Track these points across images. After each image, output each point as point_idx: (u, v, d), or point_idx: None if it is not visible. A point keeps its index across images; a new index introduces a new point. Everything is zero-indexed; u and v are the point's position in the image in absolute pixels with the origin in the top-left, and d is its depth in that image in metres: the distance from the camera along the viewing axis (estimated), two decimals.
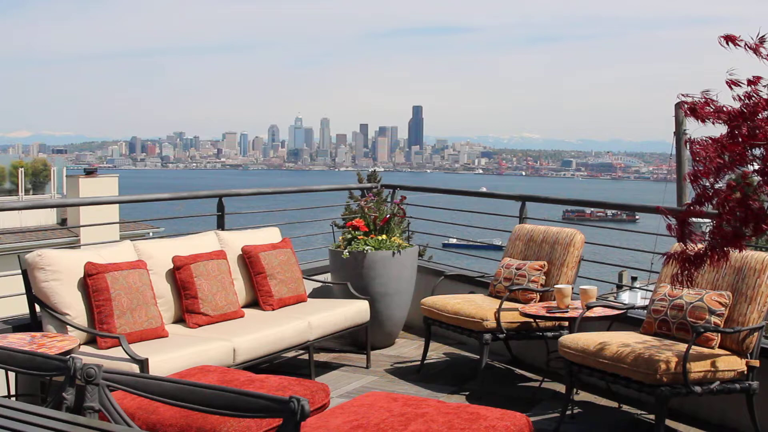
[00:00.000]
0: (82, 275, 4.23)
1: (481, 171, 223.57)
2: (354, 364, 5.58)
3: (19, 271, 4.32)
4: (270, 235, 5.62)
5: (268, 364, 5.05)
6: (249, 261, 5.23)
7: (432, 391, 4.95)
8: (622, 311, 4.59)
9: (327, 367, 5.48)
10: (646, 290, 12.07)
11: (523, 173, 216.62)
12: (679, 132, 17.14)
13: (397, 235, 6.07)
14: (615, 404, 4.72)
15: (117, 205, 15.67)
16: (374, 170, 37.42)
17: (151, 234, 22.64)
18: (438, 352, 5.89)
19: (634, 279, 14.32)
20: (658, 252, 4.38)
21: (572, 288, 4.88)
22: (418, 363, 5.50)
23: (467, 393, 4.95)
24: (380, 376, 5.31)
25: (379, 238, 5.88)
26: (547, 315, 4.56)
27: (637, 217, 57.52)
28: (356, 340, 5.90)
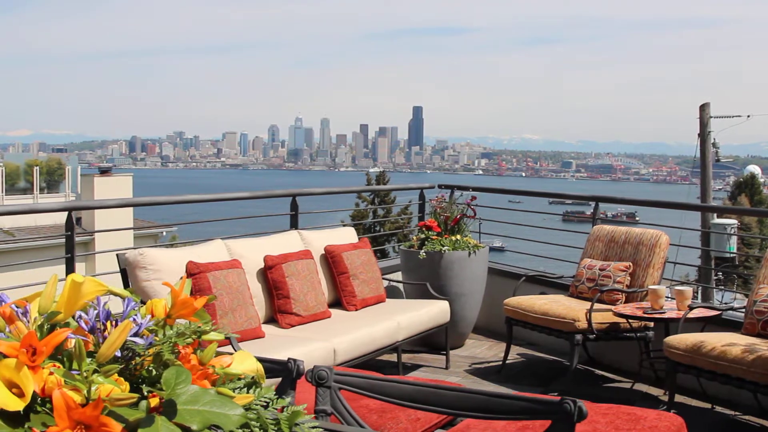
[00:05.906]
0: (182, 274, 4.21)
1: (480, 172, 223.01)
2: (431, 364, 5.56)
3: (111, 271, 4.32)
4: (348, 234, 5.60)
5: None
6: (332, 261, 5.21)
7: (521, 393, 4.93)
8: (720, 312, 4.58)
9: (405, 368, 5.46)
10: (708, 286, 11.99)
11: (523, 174, 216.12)
12: (703, 134, 17.17)
13: (468, 235, 6.05)
14: (707, 405, 4.71)
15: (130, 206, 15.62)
16: (383, 171, 37.72)
17: (164, 233, 22.60)
18: (511, 353, 5.86)
19: None
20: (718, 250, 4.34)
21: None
22: (496, 363, 5.49)
23: (555, 393, 4.93)
24: (462, 377, 5.29)
25: (453, 238, 5.86)
26: (646, 316, 4.55)
27: (637, 217, 57.97)
28: (428, 341, 5.87)
